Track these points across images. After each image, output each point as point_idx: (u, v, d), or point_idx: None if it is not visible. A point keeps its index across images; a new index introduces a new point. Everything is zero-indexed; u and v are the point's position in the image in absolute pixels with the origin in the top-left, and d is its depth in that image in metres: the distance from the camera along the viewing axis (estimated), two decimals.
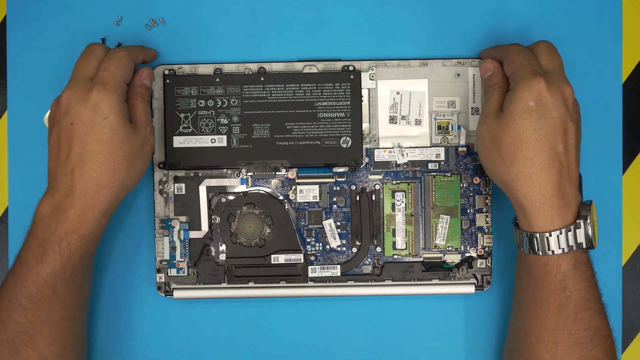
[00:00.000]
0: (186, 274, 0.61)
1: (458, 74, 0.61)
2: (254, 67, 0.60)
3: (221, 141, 0.60)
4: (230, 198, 0.60)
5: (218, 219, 0.60)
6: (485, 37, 0.61)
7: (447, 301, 0.61)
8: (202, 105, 0.60)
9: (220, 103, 0.60)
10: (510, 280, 0.61)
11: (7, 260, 0.62)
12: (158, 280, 0.61)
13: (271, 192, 0.61)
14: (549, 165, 0.51)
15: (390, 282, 0.61)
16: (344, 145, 0.60)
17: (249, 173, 0.60)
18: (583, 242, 0.52)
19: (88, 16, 0.61)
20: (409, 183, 0.61)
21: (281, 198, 0.61)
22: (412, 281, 0.61)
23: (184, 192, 0.60)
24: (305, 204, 0.61)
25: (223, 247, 0.60)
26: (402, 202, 0.61)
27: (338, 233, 0.61)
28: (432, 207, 0.61)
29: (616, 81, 0.61)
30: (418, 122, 0.61)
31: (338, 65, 0.60)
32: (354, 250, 0.61)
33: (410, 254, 0.61)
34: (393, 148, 0.61)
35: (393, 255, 0.61)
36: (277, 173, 0.60)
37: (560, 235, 0.52)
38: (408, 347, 0.62)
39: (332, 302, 0.61)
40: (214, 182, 0.60)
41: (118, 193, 0.53)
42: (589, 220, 0.52)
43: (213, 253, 0.60)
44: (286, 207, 0.61)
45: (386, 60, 0.61)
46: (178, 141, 0.60)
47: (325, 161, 0.60)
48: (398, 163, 0.61)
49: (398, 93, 0.61)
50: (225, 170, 0.60)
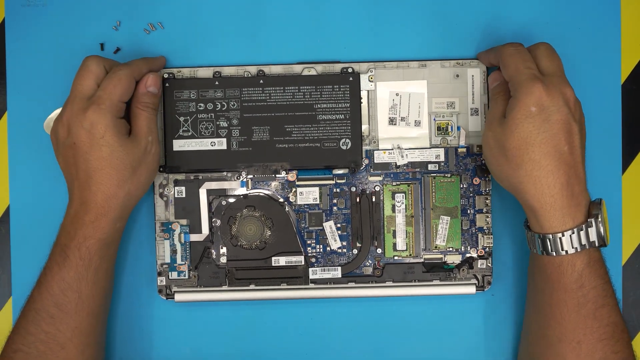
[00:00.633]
0: (187, 277, 0.61)
1: (457, 75, 0.61)
2: (253, 70, 0.60)
3: (221, 144, 0.60)
4: (230, 201, 0.60)
5: (218, 222, 0.60)
6: (484, 38, 0.61)
7: (448, 302, 0.61)
8: (202, 108, 0.60)
9: (219, 106, 0.60)
10: (511, 280, 0.61)
11: (9, 260, 0.62)
12: (159, 283, 0.61)
13: (271, 195, 0.61)
14: (556, 167, 0.52)
15: (391, 284, 0.61)
16: (344, 147, 0.60)
17: (249, 176, 0.60)
18: (595, 241, 0.52)
19: (87, 21, 0.61)
20: (409, 184, 0.61)
21: (281, 200, 0.61)
22: (413, 282, 0.61)
23: (184, 195, 0.60)
24: (305, 206, 0.61)
25: (224, 250, 0.60)
26: (402, 204, 0.61)
27: (338, 235, 0.61)
28: (432, 208, 0.61)
29: (615, 82, 0.61)
30: (417, 124, 0.61)
31: (337, 67, 0.60)
32: (355, 251, 0.61)
33: (410, 255, 0.61)
34: (393, 149, 0.61)
35: (394, 256, 0.61)
36: (277, 175, 0.60)
37: (572, 235, 0.52)
38: (409, 348, 0.62)
39: (333, 304, 0.62)
40: (214, 185, 0.61)
41: (126, 201, 0.55)
42: (600, 218, 0.52)
43: (214, 256, 0.61)
44: (286, 210, 0.61)
45: (385, 61, 0.61)
46: (178, 144, 0.60)
47: (325, 163, 0.60)
48: (398, 164, 0.61)
49: (397, 94, 0.61)
50: (225, 173, 0.61)
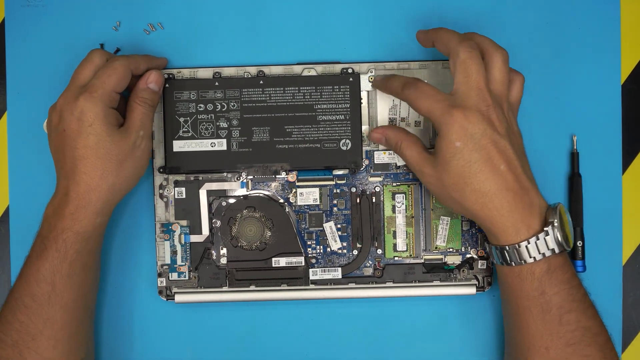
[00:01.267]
0: (187, 278, 0.61)
1: None
2: (253, 71, 0.60)
3: (221, 145, 0.60)
4: (230, 201, 0.60)
5: (219, 223, 0.60)
6: None
7: (448, 302, 0.61)
8: (202, 109, 0.60)
9: (219, 107, 0.60)
10: None
11: (9, 260, 0.62)
12: (159, 284, 0.61)
13: (271, 195, 0.61)
14: (498, 188, 0.52)
15: (391, 284, 0.61)
16: (344, 147, 0.60)
17: (249, 176, 0.60)
18: (555, 247, 0.52)
19: (87, 21, 0.61)
20: (409, 185, 0.61)
21: (281, 201, 0.61)
22: (413, 283, 0.61)
23: (185, 196, 0.60)
24: (305, 207, 0.61)
25: (224, 251, 0.60)
26: (403, 204, 0.61)
27: (339, 235, 0.61)
28: (433, 209, 0.61)
29: (615, 82, 0.61)
30: (417, 124, 0.61)
31: (337, 67, 0.60)
32: (355, 252, 0.61)
33: (411, 256, 0.61)
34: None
35: (394, 257, 0.61)
36: (277, 176, 0.60)
37: (528, 245, 0.52)
38: (409, 349, 0.62)
39: (334, 305, 0.62)
40: (214, 186, 0.60)
41: (109, 195, 0.55)
42: (556, 224, 0.51)
43: (214, 257, 0.60)
44: (287, 210, 0.61)
45: (385, 62, 0.61)
46: (178, 145, 0.60)
47: (325, 164, 0.60)
48: (398, 165, 0.61)
49: None
50: (225, 173, 0.60)
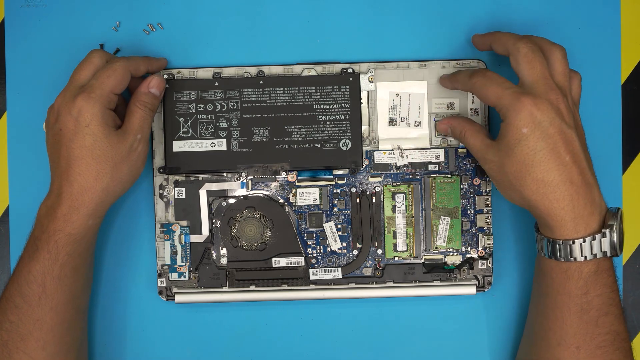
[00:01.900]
0: (187, 278, 0.61)
1: None
2: (253, 71, 0.60)
3: (221, 145, 0.60)
4: (230, 202, 0.60)
5: (219, 223, 0.60)
6: None
7: (449, 302, 0.61)
8: (202, 109, 0.60)
9: (219, 107, 0.60)
10: (511, 281, 0.61)
11: (8, 260, 0.62)
12: (159, 284, 0.61)
13: (271, 196, 0.61)
14: (561, 180, 0.51)
15: (391, 284, 0.61)
16: (344, 147, 0.60)
17: (249, 176, 0.60)
18: (608, 251, 0.51)
19: (86, 21, 0.61)
20: (409, 185, 0.61)
21: (281, 201, 0.61)
22: (414, 283, 0.61)
23: (185, 197, 0.60)
24: (305, 207, 0.61)
25: (224, 251, 0.60)
26: (403, 204, 0.61)
27: (339, 235, 0.61)
28: (433, 209, 0.61)
29: (615, 82, 0.61)
30: (417, 124, 0.61)
31: (337, 67, 0.60)
32: (355, 252, 0.61)
33: (411, 256, 0.61)
34: (393, 150, 0.61)
35: (394, 257, 0.61)
36: (277, 176, 0.60)
37: (583, 243, 0.51)
38: (410, 349, 0.62)
39: (334, 305, 0.62)
40: (214, 186, 0.60)
41: (102, 197, 0.54)
42: (615, 228, 0.51)
43: (214, 257, 0.60)
44: (287, 210, 0.61)
45: (385, 62, 0.61)
46: (178, 145, 0.60)
47: (325, 164, 0.60)
48: (398, 165, 0.61)
49: (397, 95, 0.61)
50: (225, 174, 0.60)
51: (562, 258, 0.52)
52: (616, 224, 0.51)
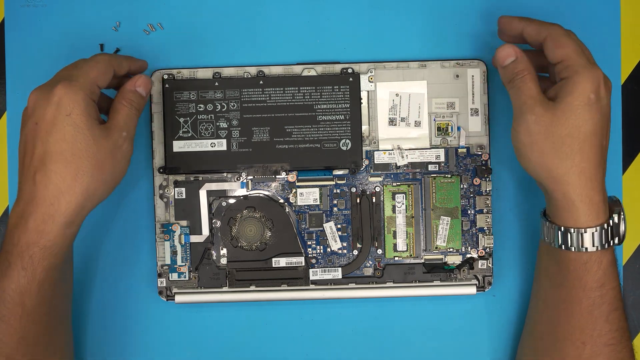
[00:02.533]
0: (187, 278, 0.61)
1: (457, 75, 0.60)
2: (253, 71, 0.60)
3: (221, 145, 0.60)
4: (230, 202, 0.60)
5: (219, 223, 0.60)
6: (484, 39, 0.61)
7: (449, 302, 0.61)
8: (202, 109, 0.60)
9: (219, 107, 0.60)
10: (511, 280, 0.61)
11: None
12: (159, 284, 0.61)
13: (271, 196, 0.61)
14: (599, 160, 0.50)
15: (391, 284, 0.61)
16: (344, 147, 0.60)
17: (249, 177, 0.60)
18: (616, 239, 0.51)
19: (86, 21, 0.61)
20: (409, 185, 0.61)
21: (281, 201, 0.61)
22: (414, 283, 0.61)
23: (185, 197, 0.60)
24: (305, 207, 0.61)
25: (224, 251, 0.60)
26: (403, 204, 0.61)
27: (339, 235, 0.61)
28: (433, 209, 0.61)
29: (615, 82, 0.61)
30: (417, 124, 0.61)
31: (337, 67, 0.60)
32: (355, 252, 0.61)
33: (411, 256, 0.61)
34: (393, 150, 0.61)
35: (394, 257, 0.61)
36: (277, 176, 0.60)
37: (595, 232, 0.50)
38: (410, 349, 0.62)
39: (334, 305, 0.61)
40: (214, 186, 0.60)
41: (82, 201, 0.49)
42: (623, 215, 0.51)
43: (214, 257, 0.60)
44: (287, 210, 0.61)
45: (385, 62, 0.61)
46: (178, 145, 0.60)
47: (325, 164, 0.60)
48: (398, 165, 0.61)
49: (397, 95, 0.61)
50: (225, 174, 0.60)
51: (573, 248, 0.50)
52: (622, 210, 0.51)
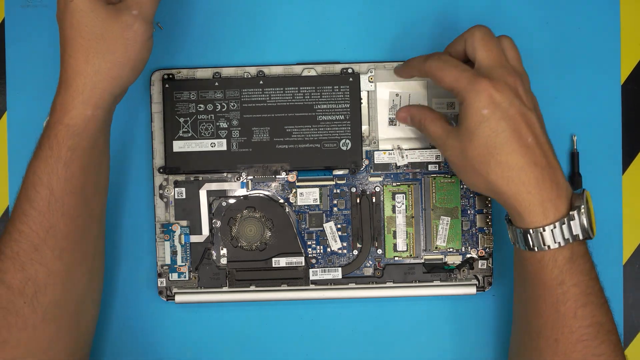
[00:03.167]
0: (187, 278, 0.61)
1: None
2: (253, 71, 0.60)
3: (221, 145, 0.60)
4: (230, 202, 0.60)
5: (219, 223, 0.60)
6: None
7: (449, 302, 0.61)
8: (202, 109, 0.60)
9: (219, 107, 0.60)
10: (511, 281, 0.61)
11: None
12: (159, 284, 0.61)
13: (271, 196, 0.61)
14: (526, 162, 0.50)
15: (391, 284, 0.61)
16: (344, 147, 0.60)
17: (249, 177, 0.60)
18: (579, 234, 0.50)
19: None
20: (409, 185, 0.61)
21: (281, 201, 0.61)
22: (413, 283, 0.61)
23: (185, 197, 0.60)
24: (305, 207, 0.61)
25: (224, 251, 0.60)
26: (403, 204, 0.61)
27: (339, 235, 0.61)
28: (433, 209, 0.61)
29: (615, 82, 0.61)
30: None
31: (337, 67, 0.60)
32: (355, 252, 0.61)
33: (411, 256, 0.61)
34: (393, 150, 0.61)
35: (394, 257, 0.61)
36: (277, 176, 0.60)
37: (554, 229, 0.50)
38: (410, 349, 0.62)
39: (334, 305, 0.62)
40: (214, 186, 0.60)
41: (96, 81, 0.50)
42: (583, 209, 0.50)
43: (214, 257, 0.60)
44: (287, 210, 0.61)
45: (385, 62, 0.61)
46: (178, 145, 0.60)
47: (325, 164, 0.60)
48: (398, 165, 0.61)
49: (397, 95, 0.61)
50: (225, 174, 0.60)
51: (536, 248, 0.51)
52: (583, 205, 0.50)
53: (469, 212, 0.60)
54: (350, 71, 0.60)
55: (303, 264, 0.60)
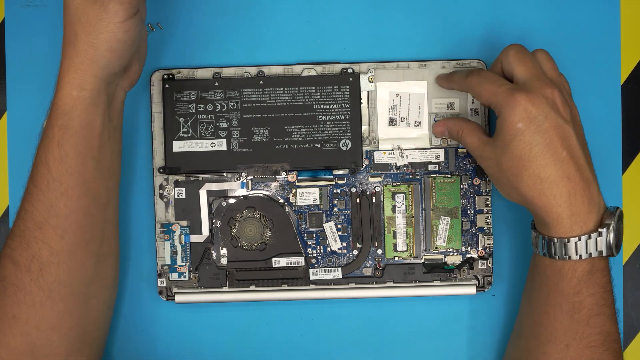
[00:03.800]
0: (187, 278, 0.61)
1: None
2: (253, 71, 0.60)
3: (221, 145, 0.60)
4: (230, 202, 0.60)
5: (219, 223, 0.60)
6: (483, 39, 0.61)
7: (449, 302, 0.61)
8: (202, 109, 0.60)
9: (219, 107, 0.60)
10: (511, 280, 0.61)
11: None
12: (159, 284, 0.61)
13: (271, 196, 0.61)
14: (559, 176, 0.50)
15: (391, 284, 0.61)
16: (344, 147, 0.60)
17: (249, 177, 0.60)
18: (603, 250, 0.51)
19: None
20: (409, 185, 0.61)
21: (281, 201, 0.61)
22: (413, 283, 0.61)
23: (185, 197, 0.60)
24: (305, 207, 0.61)
25: (224, 251, 0.60)
26: (403, 204, 0.61)
27: (339, 235, 0.61)
28: (433, 209, 0.61)
29: (615, 82, 0.61)
30: (417, 124, 0.61)
31: (337, 67, 0.60)
32: (355, 252, 0.61)
33: (411, 256, 0.61)
34: (393, 150, 0.61)
35: (394, 257, 0.61)
36: (277, 176, 0.60)
37: (578, 242, 0.51)
38: (410, 349, 0.62)
39: (334, 305, 0.62)
40: (214, 186, 0.60)
41: (77, 64, 0.51)
42: (612, 228, 0.51)
43: (214, 257, 0.60)
44: (287, 210, 0.61)
45: (385, 62, 0.61)
46: (178, 146, 0.60)
47: (325, 164, 0.60)
48: (398, 165, 0.61)
49: (397, 95, 0.61)
50: (225, 174, 0.60)
51: (557, 256, 0.51)
52: (613, 224, 0.51)
53: (469, 212, 0.61)
54: (350, 71, 0.60)
55: (303, 264, 0.60)
